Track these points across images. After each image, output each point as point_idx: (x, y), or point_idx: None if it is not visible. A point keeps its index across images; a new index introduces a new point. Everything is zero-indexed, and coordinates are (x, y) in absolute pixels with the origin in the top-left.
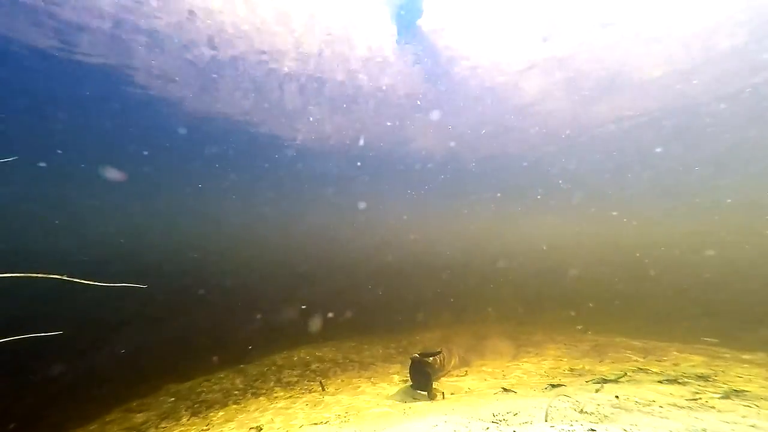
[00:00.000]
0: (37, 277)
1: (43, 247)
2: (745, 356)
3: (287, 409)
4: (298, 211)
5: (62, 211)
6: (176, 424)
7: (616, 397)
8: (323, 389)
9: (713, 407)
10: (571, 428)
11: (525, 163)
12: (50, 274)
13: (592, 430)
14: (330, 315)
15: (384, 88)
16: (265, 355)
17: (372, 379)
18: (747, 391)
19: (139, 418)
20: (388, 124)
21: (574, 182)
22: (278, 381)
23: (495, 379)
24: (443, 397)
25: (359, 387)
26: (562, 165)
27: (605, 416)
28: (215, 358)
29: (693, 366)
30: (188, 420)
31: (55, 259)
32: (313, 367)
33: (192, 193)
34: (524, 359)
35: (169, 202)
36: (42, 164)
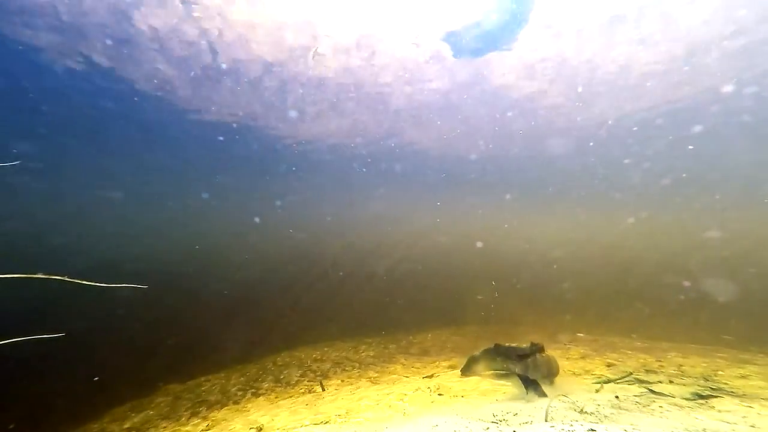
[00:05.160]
0: (36, 277)
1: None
2: (745, 356)
3: (287, 408)
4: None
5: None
6: (176, 424)
7: (616, 397)
8: (323, 389)
9: (713, 407)
10: (571, 428)
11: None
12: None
13: (592, 430)
14: None
15: None
16: (265, 355)
17: (372, 379)
18: (747, 391)
19: (140, 418)
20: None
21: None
22: (278, 381)
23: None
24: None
25: (360, 387)
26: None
27: (605, 416)
28: None
29: (693, 366)
30: (188, 420)
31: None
32: (314, 367)
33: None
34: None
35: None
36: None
